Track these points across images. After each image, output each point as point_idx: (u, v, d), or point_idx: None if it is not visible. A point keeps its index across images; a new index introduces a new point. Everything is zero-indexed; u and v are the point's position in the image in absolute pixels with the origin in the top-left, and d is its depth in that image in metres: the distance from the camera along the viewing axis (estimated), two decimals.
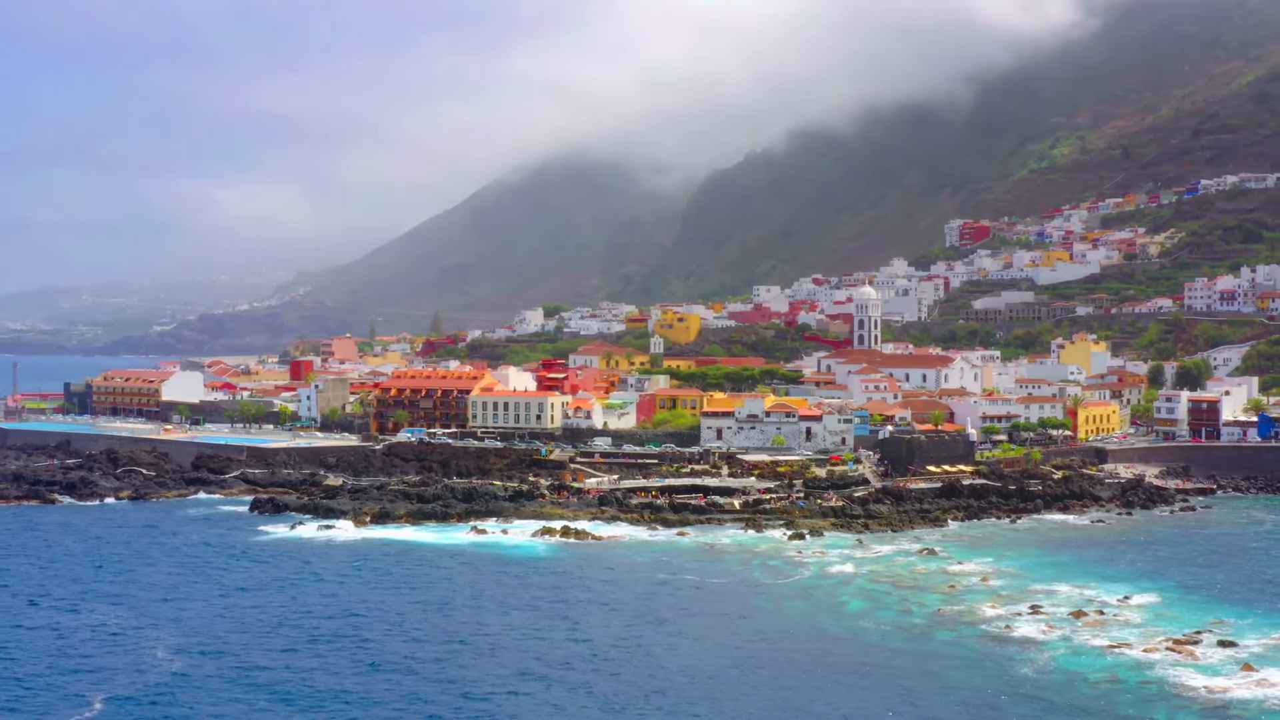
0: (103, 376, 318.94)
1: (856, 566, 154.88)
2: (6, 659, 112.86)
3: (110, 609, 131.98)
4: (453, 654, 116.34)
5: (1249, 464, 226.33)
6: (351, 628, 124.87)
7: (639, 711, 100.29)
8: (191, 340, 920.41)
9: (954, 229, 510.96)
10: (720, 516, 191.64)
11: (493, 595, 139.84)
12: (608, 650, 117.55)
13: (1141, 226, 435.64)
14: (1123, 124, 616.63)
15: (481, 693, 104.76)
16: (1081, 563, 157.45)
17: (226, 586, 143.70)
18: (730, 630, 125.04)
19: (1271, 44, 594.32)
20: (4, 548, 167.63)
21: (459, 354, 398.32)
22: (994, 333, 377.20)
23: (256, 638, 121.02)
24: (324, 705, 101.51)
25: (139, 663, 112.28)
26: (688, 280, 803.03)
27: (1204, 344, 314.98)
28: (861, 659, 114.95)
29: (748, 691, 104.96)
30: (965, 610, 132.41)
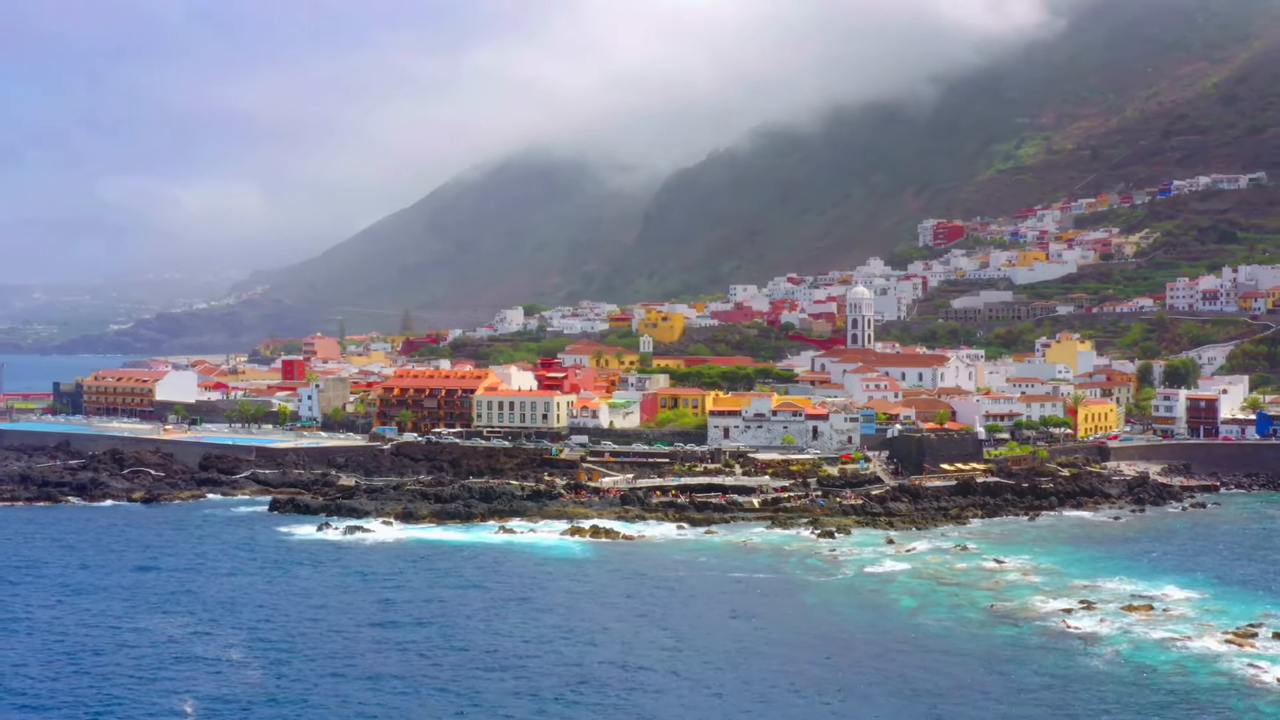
0: (93, 376, 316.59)
1: (895, 564, 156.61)
2: (84, 669, 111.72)
3: (166, 613, 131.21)
4: (558, 653, 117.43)
5: (1250, 461, 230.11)
6: (439, 633, 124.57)
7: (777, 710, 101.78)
8: (149, 339, 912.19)
9: (927, 229, 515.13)
10: (743, 515, 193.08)
11: (561, 593, 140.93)
12: (704, 649, 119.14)
13: (1115, 227, 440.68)
14: (1088, 124, 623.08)
15: (615, 689, 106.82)
16: (1114, 558, 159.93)
17: (279, 588, 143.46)
18: (796, 629, 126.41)
19: (1235, 46, 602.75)
20: (33, 551, 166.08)
21: (442, 353, 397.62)
22: (974, 332, 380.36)
23: (332, 640, 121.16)
24: (431, 703, 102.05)
25: (217, 667, 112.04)
26: (650, 279, 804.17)
27: (1188, 343, 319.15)
28: (932, 656, 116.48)
29: (849, 691, 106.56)
30: (1018, 606, 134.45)
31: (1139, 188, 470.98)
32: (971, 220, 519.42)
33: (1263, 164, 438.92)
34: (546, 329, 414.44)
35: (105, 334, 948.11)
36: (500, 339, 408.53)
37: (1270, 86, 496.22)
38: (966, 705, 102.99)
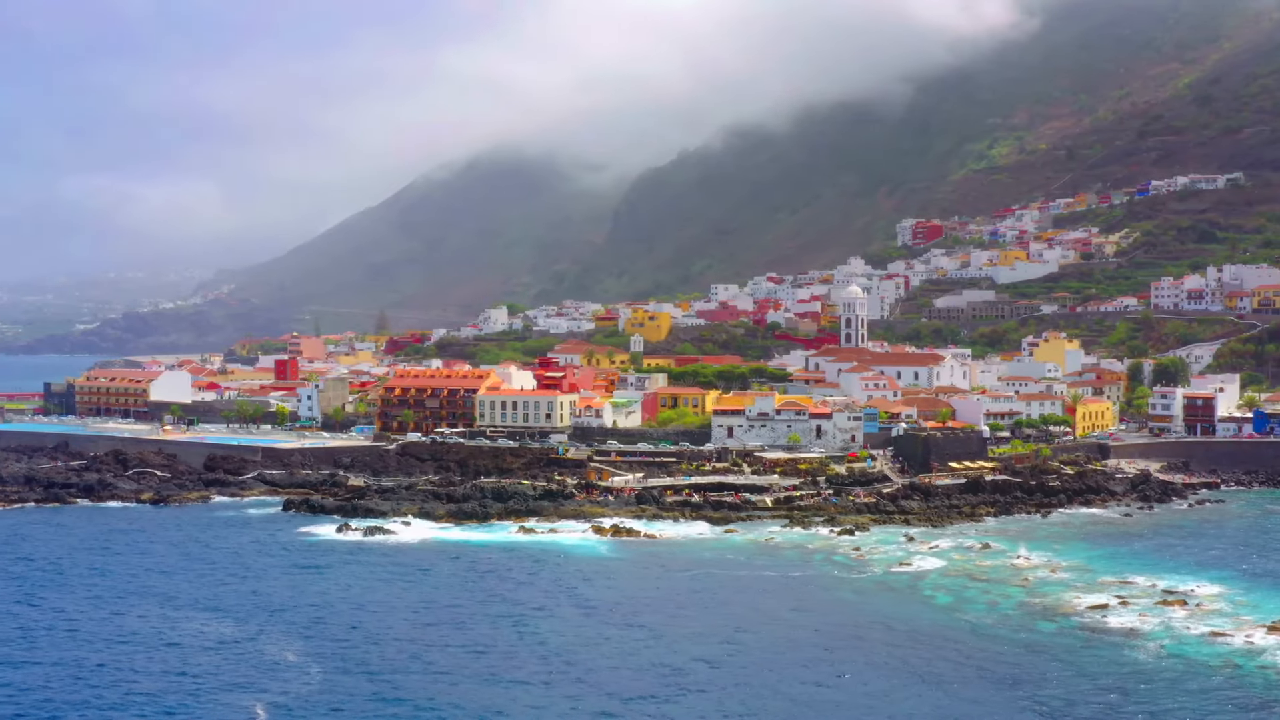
0: (85, 376, 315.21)
1: (923, 562, 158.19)
2: (145, 673, 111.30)
3: (208, 615, 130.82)
4: (635, 653, 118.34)
5: (1248, 459, 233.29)
6: (515, 633, 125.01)
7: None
8: (115, 339, 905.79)
9: (906, 228, 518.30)
10: (758, 513, 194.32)
11: (607, 592, 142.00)
12: (775, 643, 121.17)
13: (1094, 226, 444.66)
14: (1060, 125, 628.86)
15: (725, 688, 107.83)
16: (1136, 555, 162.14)
17: (317, 589, 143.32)
18: (852, 624, 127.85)
19: (1205, 46, 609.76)
20: (57, 554, 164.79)
21: (428, 353, 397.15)
22: (958, 331, 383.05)
23: (388, 642, 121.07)
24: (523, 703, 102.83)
25: (277, 669, 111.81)
26: (620, 278, 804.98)
27: (1175, 342, 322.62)
28: (983, 652, 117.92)
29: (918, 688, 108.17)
30: (1053, 602, 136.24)
31: (1116, 188, 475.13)
32: (950, 220, 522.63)
33: (1239, 164, 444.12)
34: (532, 328, 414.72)
35: (71, 334, 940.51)
36: (486, 338, 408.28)
37: (1244, 87, 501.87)
38: (1044, 697, 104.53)
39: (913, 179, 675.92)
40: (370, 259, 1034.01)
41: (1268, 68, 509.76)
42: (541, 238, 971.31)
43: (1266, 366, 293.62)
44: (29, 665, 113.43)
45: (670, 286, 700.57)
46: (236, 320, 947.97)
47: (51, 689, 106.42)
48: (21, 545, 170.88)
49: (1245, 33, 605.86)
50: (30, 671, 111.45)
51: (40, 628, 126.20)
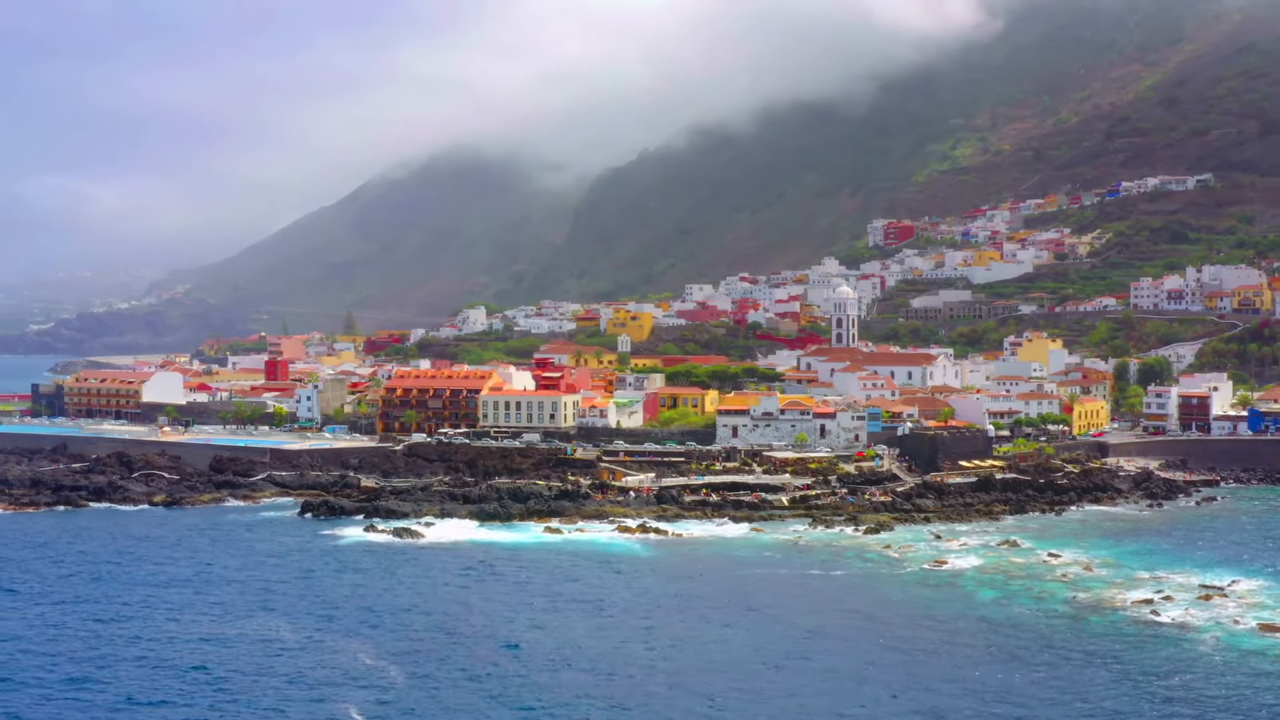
0: (74, 378, 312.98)
1: (957, 559, 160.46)
2: (221, 678, 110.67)
3: (267, 618, 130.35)
4: (722, 650, 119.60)
5: (1246, 456, 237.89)
6: (594, 631, 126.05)
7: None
8: (70, 339, 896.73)
9: (877, 229, 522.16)
10: (778, 513, 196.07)
11: (668, 591, 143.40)
12: (853, 640, 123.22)
13: (1066, 227, 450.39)
14: (1023, 126, 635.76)
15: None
16: (1162, 551, 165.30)
17: (365, 590, 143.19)
18: (915, 621, 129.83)
19: (1166, 49, 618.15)
20: (89, 559, 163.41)
21: (409, 353, 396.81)
22: (936, 331, 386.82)
23: (463, 644, 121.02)
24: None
25: (356, 673, 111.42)
26: (581, 278, 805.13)
27: (1156, 341, 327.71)
28: (1050, 645, 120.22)
29: (1012, 681, 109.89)
30: (1099, 598, 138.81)
31: (1086, 189, 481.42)
32: (920, 220, 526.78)
33: (1207, 166, 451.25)
34: (514, 328, 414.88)
35: (26, 334, 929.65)
36: (467, 338, 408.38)
37: (1210, 90, 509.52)
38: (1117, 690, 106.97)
39: (876, 179, 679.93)
40: (326, 258, 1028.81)
41: (1231, 70, 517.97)
42: (500, 238, 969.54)
43: (1249, 366, 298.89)
44: (118, 663, 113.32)
45: (633, 286, 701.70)
46: (193, 320, 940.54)
47: (157, 691, 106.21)
48: (52, 550, 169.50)
49: (1206, 35, 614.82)
50: (121, 672, 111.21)
51: (116, 633, 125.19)
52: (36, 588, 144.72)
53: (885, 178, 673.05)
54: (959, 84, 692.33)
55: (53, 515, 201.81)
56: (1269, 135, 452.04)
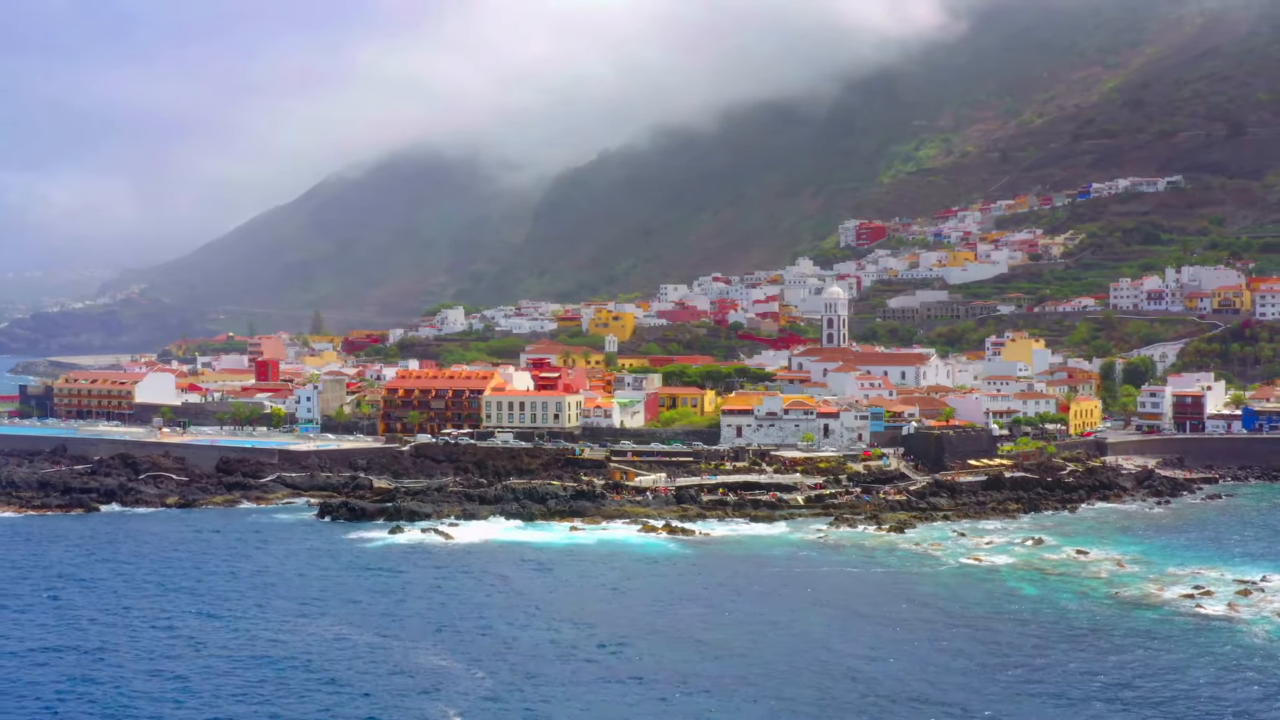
0: (64, 378, 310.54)
1: (989, 556, 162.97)
2: (298, 683, 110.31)
3: (346, 625, 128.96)
4: (802, 647, 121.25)
5: (1242, 454, 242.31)
6: (673, 631, 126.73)
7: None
8: (25, 339, 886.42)
9: (849, 229, 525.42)
10: (796, 511, 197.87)
11: (725, 590, 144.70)
12: (925, 636, 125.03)
13: (1038, 228, 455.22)
14: (986, 127, 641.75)
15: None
16: (1186, 547, 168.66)
17: (419, 593, 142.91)
18: (974, 616, 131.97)
19: (1127, 51, 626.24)
20: (122, 562, 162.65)
21: (389, 353, 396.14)
22: (915, 331, 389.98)
23: (545, 647, 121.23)
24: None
25: (440, 677, 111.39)
26: (542, 278, 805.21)
27: (1138, 341, 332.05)
28: (1111, 637, 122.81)
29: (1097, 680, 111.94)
30: (1139, 593, 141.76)
31: (1056, 190, 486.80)
32: (890, 221, 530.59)
33: (1175, 168, 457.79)
34: (495, 328, 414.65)
35: None
36: (447, 338, 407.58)
37: (1176, 92, 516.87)
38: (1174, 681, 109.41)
39: (838, 179, 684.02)
40: (283, 258, 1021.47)
41: (1196, 73, 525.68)
42: (458, 237, 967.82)
43: (1232, 365, 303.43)
44: (200, 677, 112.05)
45: (595, 286, 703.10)
46: (148, 320, 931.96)
47: (249, 705, 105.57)
48: (94, 553, 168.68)
49: (1167, 38, 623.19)
50: (207, 685, 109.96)
51: (177, 640, 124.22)
52: (96, 598, 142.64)
53: (848, 178, 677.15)
54: (922, 85, 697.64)
55: (68, 518, 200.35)
56: (1236, 137, 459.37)
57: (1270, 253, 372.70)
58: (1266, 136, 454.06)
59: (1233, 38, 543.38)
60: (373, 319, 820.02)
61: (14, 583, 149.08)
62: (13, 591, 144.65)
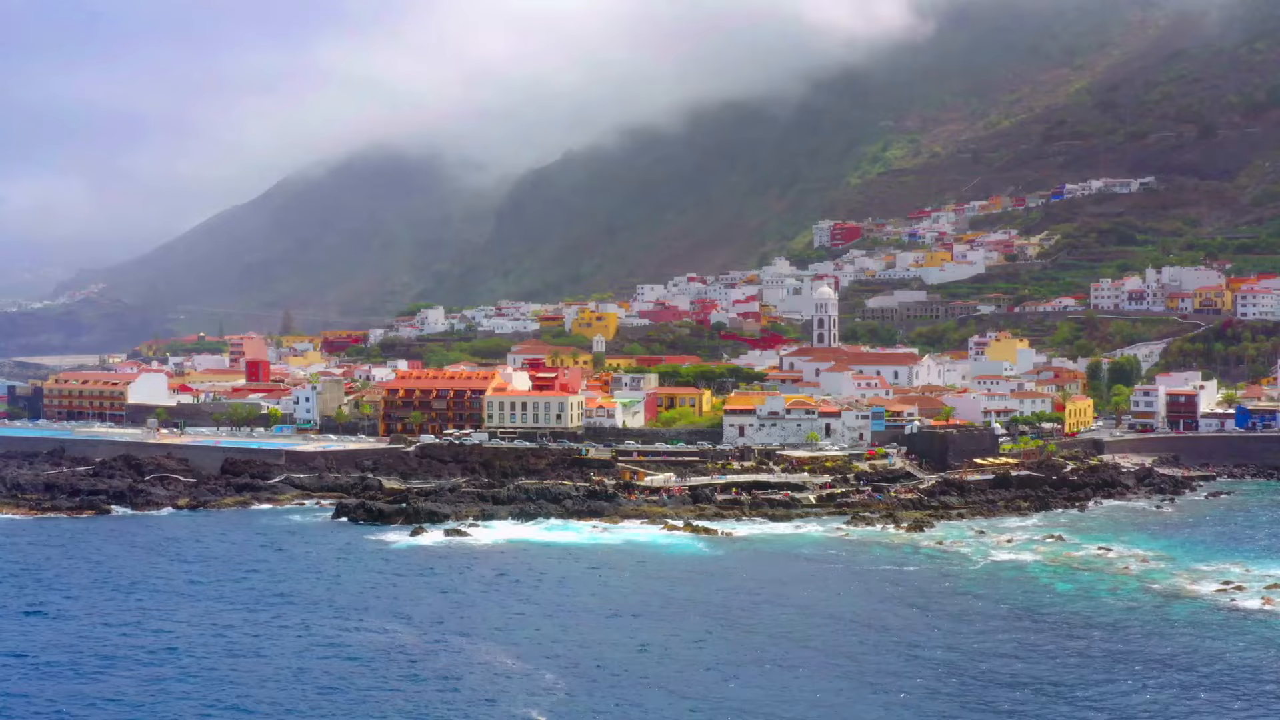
0: (54, 379, 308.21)
1: (1015, 553, 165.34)
2: (387, 687, 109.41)
3: (403, 628, 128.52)
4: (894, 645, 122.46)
5: (1237, 452, 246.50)
6: (733, 629, 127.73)
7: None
8: None
9: (824, 229, 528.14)
10: (812, 510, 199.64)
11: (778, 588, 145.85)
12: (996, 633, 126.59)
13: (1013, 229, 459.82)
14: (953, 128, 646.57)
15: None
16: (1204, 543, 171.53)
17: (464, 596, 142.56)
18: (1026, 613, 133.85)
19: (1093, 53, 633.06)
20: (154, 566, 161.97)
21: (370, 353, 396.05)
22: (895, 331, 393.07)
23: (616, 648, 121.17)
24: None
25: (517, 680, 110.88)
26: (507, 278, 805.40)
27: (1121, 341, 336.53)
28: (1161, 633, 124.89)
29: None
30: (1172, 588, 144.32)
31: (1029, 191, 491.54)
32: (864, 221, 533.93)
33: (1147, 169, 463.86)
34: (477, 329, 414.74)
35: None
36: (429, 338, 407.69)
37: (1145, 94, 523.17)
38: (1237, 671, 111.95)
39: (805, 179, 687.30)
40: (243, 258, 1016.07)
41: (1165, 75, 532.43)
42: (420, 237, 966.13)
43: (1215, 365, 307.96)
44: (271, 686, 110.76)
45: (560, 286, 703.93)
46: (108, 320, 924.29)
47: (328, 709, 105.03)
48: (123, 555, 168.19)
49: (1132, 40, 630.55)
50: (278, 691, 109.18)
51: (234, 645, 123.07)
52: (167, 600, 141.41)
53: (815, 178, 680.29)
54: (888, 86, 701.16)
55: (80, 520, 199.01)
56: (1207, 139, 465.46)
57: (1246, 253, 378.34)
58: (1237, 138, 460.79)
59: (1201, 41, 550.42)
60: (335, 319, 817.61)
61: (92, 588, 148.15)
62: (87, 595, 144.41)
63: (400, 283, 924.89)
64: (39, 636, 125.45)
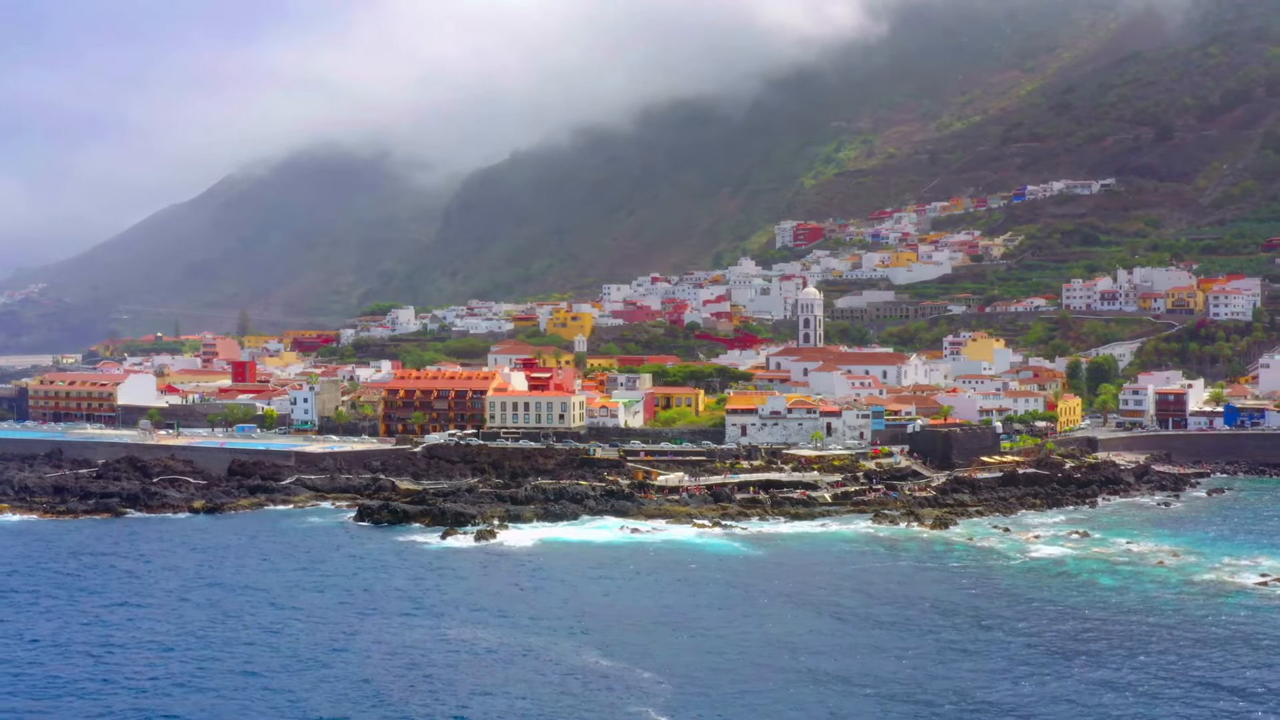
0: (39, 380, 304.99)
1: (1048, 549, 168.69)
2: (504, 690, 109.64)
3: (465, 626, 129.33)
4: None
5: (1229, 450, 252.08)
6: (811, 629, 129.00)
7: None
8: None
9: (786, 230, 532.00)
10: (831, 509, 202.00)
11: (841, 586, 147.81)
12: (1064, 630, 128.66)
13: (976, 229, 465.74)
14: (905, 129, 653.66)
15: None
16: (1226, 538, 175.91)
17: (528, 597, 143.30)
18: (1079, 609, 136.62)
19: (1044, 56, 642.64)
20: (192, 568, 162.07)
21: (344, 354, 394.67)
22: (866, 331, 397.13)
23: (714, 649, 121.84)
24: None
25: (610, 682, 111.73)
26: (454, 277, 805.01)
27: (1095, 340, 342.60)
28: (1230, 624, 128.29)
29: None
30: (1215, 581, 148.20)
31: (989, 192, 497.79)
32: (825, 221, 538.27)
33: (1105, 171, 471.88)
34: (451, 329, 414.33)
35: None
36: (403, 338, 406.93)
37: (1101, 96, 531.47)
38: None
39: (756, 180, 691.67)
40: (186, 257, 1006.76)
41: (1120, 78, 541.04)
42: (366, 236, 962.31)
43: (1190, 364, 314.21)
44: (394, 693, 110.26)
45: (510, 286, 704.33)
46: (50, 320, 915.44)
47: None
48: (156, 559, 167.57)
49: (1081, 43, 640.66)
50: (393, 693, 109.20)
51: (345, 647, 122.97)
52: (202, 611, 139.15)
53: (767, 178, 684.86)
54: (840, 86, 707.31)
55: (99, 523, 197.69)
56: (1164, 141, 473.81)
57: (1211, 254, 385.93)
58: (1194, 141, 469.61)
59: (1153, 44, 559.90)
60: (280, 318, 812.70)
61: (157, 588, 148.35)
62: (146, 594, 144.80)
63: (345, 282, 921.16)
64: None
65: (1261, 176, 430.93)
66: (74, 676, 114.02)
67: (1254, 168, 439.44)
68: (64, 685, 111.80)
